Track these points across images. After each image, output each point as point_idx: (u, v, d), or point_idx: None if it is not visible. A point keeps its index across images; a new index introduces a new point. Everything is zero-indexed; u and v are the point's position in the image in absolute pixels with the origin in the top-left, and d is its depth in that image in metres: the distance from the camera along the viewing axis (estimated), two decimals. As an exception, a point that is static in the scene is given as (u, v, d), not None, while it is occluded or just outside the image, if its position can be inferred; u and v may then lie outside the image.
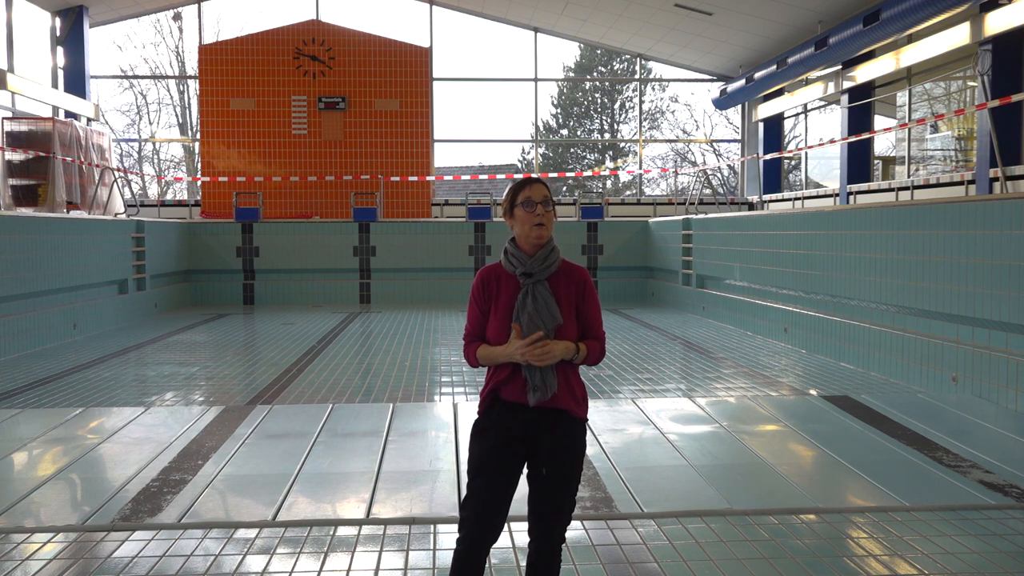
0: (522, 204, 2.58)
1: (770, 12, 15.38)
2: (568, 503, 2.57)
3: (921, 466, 4.43)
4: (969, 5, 10.72)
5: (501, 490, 2.52)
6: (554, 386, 2.51)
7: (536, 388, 2.50)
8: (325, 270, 14.36)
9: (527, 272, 2.56)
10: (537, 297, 2.53)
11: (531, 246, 2.58)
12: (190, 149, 22.90)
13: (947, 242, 6.30)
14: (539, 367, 2.49)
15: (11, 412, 5.77)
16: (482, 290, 2.62)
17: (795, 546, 3.39)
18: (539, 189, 2.59)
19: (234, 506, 3.92)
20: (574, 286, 2.60)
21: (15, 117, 15.43)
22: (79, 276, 10.02)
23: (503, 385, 2.56)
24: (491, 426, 2.57)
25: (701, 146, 23.67)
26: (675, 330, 10.29)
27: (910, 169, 14.06)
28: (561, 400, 2.54)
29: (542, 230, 2.56)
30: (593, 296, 2.65)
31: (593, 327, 2.62)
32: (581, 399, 2.61)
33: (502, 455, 2.53)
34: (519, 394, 2.53)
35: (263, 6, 22.15)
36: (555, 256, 2.60)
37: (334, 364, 7.86)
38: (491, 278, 2.63)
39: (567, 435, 2.56)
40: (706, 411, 5.70)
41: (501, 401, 2.57)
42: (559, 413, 2.55)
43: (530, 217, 2.56)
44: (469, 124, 22.79)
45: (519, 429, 2.53)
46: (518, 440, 2.53)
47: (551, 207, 2.60)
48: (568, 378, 2.57)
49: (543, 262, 2.57)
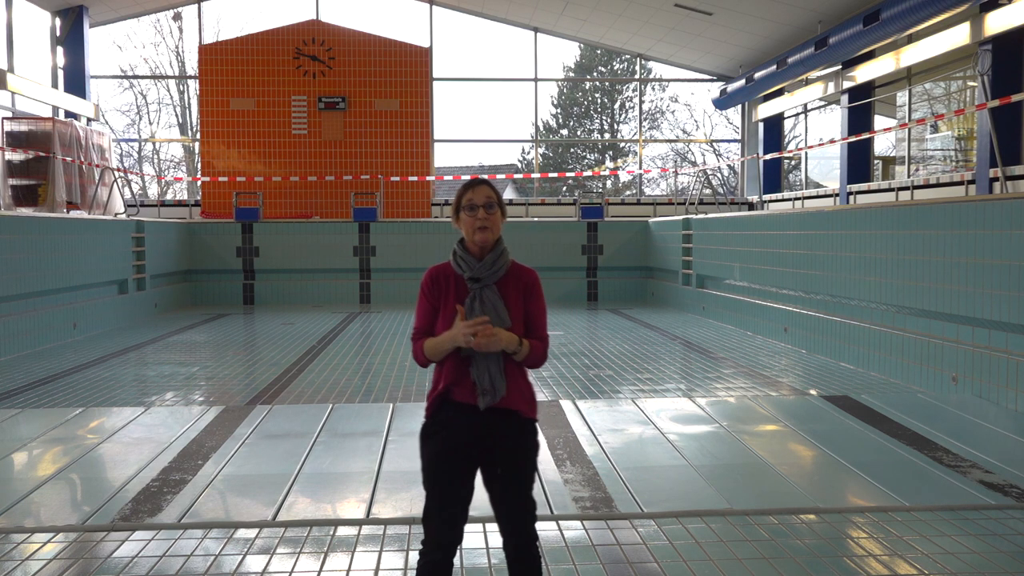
0: (465, 207, 2.55)
1: (770, 12, 15.38)
2: (528, 500, 2.55)
3: (921, 466, 4.43)
4: (969, 5, 10.72)
5: (457, 502, 2.51)
6: (503, 388, 2.49)
7: (485, 392, 2.48)
8: (325, 270, 14.36)
9: (475, 277, 2.53)
10: (485, 301, 2.51)
11: (476, 249, 2.56)
12: (190, 149, 22.90)
13: (947, 242, 6.30)
14: (488, 370, 2.47)
15: (11, 412, 5.77)
16: (431, 287, 2.59)
17: (795, 546, 3.39)
18: (482, 192, 2.55)
19: (234, 506, 3.92)
20: (523, 288, 2.58)
21: (15, 117, 15.43)
22: (79, 276, 10.02)
23: (454, 386, 2.53)
24: (440, 428, 2.54)
25: (701, 146, 23.67)
26: (675, 330, 10.29)
27: (910, 169, 14.07)
28: (511, 401, 2.52)
29: (485, 234, 2.53)
30: (539, 297, 2.63)
31: (537, 328, 2.60)
32: (530, 400, 2.60)
33: (453, 462, 2.51)
34: (469, 395, 2.51)
35: (263, 6, 22.18)
36: (504, 259, 2.57)
37: (334, 364, 7.86)
38: (441, 276, 2.60)
39: (518, 435, 2.55)
40: (706, 411, 5.70)
41: (451, 402, 2.54)
42: (510, 414, 2.53)
43: (472, 221, 2.54)
44: (469, 124, 22.80)
45: (469, 431, 2.51)
46: (468, 443, 2.51)
47: (495, 209, 2.56)
48: (517, 380, 2.56)
49: (491, 267, 2.54)
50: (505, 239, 2.64)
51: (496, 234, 2.57)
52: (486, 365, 2.49)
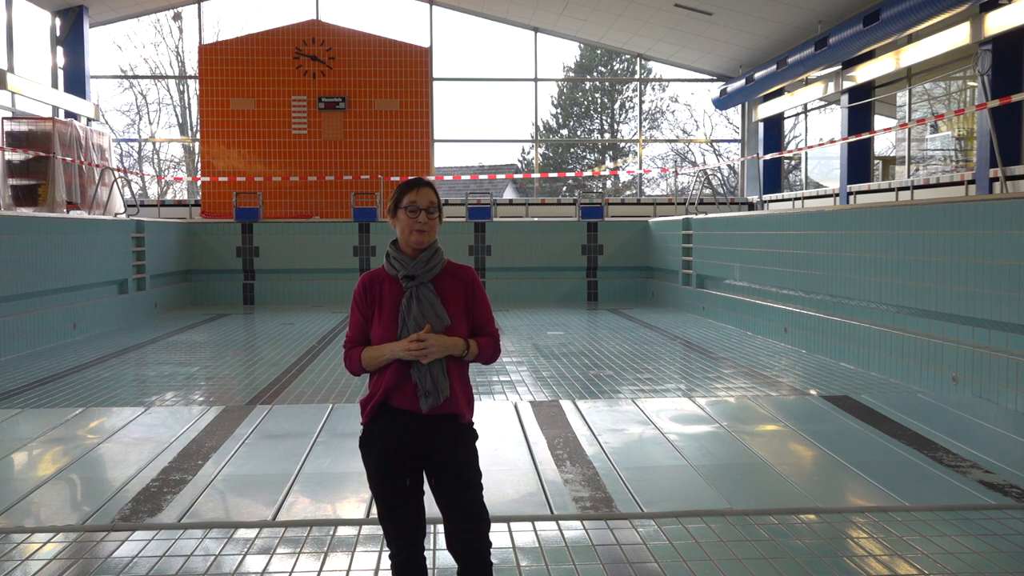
0: (406, 208, 2.51)
1: (770, 12, 15.38)
2: (472, 503, 2.51)
3: (921, 466, 4.43)
4: (969, 5, 10.72)
5: (407, 504, 2.51)
6: (446, 390, 2.46)
7: (428, 393, 2.45)
8: (325, 270, 14.36)
9: (409, 275, 2.50)
10: (422, 300, 2.48)
11: (411, 250, 2.53)
12: (190, 149, 22.91)
13: (947, 242, 6.30)
14: (430, 371, 2.45)
15: (11, 412, 5.77)
16: (364, 295, 2.57)
17: (795, 546, 3.39)
18: (426, 194, 2.51)
19: (234, 506, 3.92)
20: (462, 286, 2.56)
21: (15, 117, 15.43)
22: (79, 276, 10.02)
23: (392, 392, 2.50)
24: (377, 435, 2.51)
25: (701, 146, 23.67)
26: (675, 330, 10.29)
27: (910, 169, 14.07)
28: (453, 403, 2.50)
29: (422, 236, 2.50)
30: (482, 294, 2.61)
31: (485, 325, 2.58)
32: (470, 402, 2.57)
33: (396, 468, 2.49)
34: (410, 401, 2.48)
35: (263, 6, 22.18)
36: (439, 258, 2.54)
37: (334, 364, 7.86)
38: (374, 282, 2.57)
39: (458, 439, 2.52)
40: (706, 411, 5.70)
41: (390, 408, 2.51)
42: (450, 417, 2.51)
43: (411, 222, 2.50)
44: (469, 124, 22.80)
45: (407, 436, 2.48)
46: (406, 447, 2.49)
47: (436, 214, 2.52)
48: (458, 381, 2.52)
49: (425, 264, 2.52)
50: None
51: (432, 238, 2.54)
52: (427, 366, 2.46)
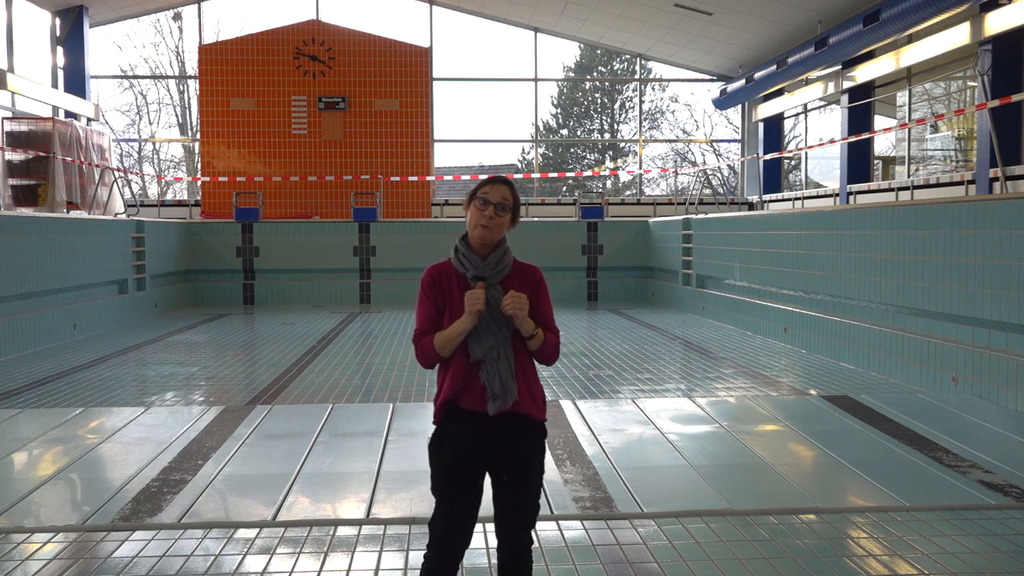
0: (478, 199, 2.50)
1: (770, 12, 15.38)
2: (531, 506, 2.51)
3: (921, 466, 4.43)
4: (969, 5, 10.72)
5: (467, 511, 2.46)
6: (515, 393, 2.43)
7: (496, 396, 2.42)
8: (325, 270, 14.36)
9: (479, 276, 2.48)
10: (491, 302, 2.45)
11: (477, 244, 2.52)
12: (190, 149, 22.90)
13: (947, 242, 6.30)
14: (499, 374, 2.42)
15: (11, 412, 5.77)
16: (434, 287, 2.53)
17: (795, 546, 3.39)
18: (499, 191, 2.50)
19: (234, 506, 3.91)
20: (528, 286, 2.54)
21: (15, 117, 15.43)
22: (79, 276, 10.02)
23: (460, 394, 2.47)
24: (449, 437, 2.49)
25: (701, 146, 23.67)
26: (675, 330, 10.29)
27: (910, 169, 14.07)
28: (522, 405, 2.47)
29: (485, 232, 2.48)
30: (546, 293, 2.60)
31: (547, 323, 2.57)
32: (540, 402, 2.55)
33: (464, 471, 2.46)
34: (478, 403, 2.45)
35: (263, 6, 22.16)
36: (508, 259, 2.53)
37: (334, 364, 7.86)
38: (443, 276, 2.55)
39: (528, 440, 2.50)
40: (706, 411, 5.70)
41: (460, 411, 2.48)
42: (519, 418, 2.48)
43: (479, 215, 2.49)
44: (469, 124, 22.77)
45: (479, 439, 2.45)
46: (478, 450, 2.46)
47: (506, 213, 2.50)
48: (528, 381, 2.51)
49: (496, 266, 2.50)
50: (515, 237, 2.62)
51: (497, 237, 2.52)
52: (496, 368, 2.43)
